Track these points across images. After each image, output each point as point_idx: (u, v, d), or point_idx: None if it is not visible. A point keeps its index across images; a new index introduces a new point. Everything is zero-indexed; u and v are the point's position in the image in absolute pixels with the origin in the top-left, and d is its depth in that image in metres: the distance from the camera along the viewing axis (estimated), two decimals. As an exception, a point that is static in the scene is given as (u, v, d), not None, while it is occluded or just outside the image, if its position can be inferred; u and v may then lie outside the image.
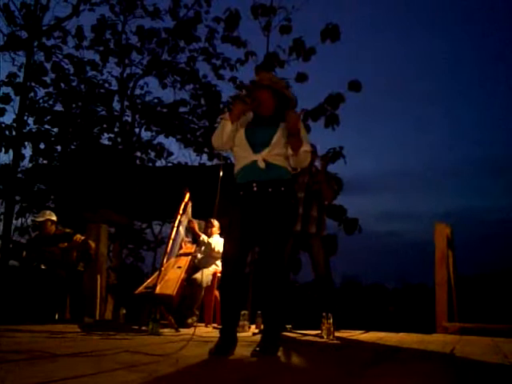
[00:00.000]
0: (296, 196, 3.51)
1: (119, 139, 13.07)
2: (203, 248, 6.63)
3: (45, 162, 12.08)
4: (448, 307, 5.87)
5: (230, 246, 3.42)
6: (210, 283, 6.36)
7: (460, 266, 7.25)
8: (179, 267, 5.90)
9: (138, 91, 13.48)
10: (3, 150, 11.39)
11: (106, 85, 13.02)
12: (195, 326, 5.50)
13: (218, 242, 6.58)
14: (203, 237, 6.53)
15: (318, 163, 5.72)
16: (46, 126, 12.12)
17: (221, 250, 6.37)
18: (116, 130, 13.10)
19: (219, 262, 6.52)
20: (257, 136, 3.46)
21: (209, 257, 6.57)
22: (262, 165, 3.35)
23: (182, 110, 13.35)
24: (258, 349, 3.16)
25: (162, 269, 5.54)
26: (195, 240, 6.61)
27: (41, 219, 6.64)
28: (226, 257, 3.46)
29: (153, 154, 13.32)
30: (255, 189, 3.36)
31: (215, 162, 12.81)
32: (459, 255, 7.06)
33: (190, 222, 6.23)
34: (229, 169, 4.30)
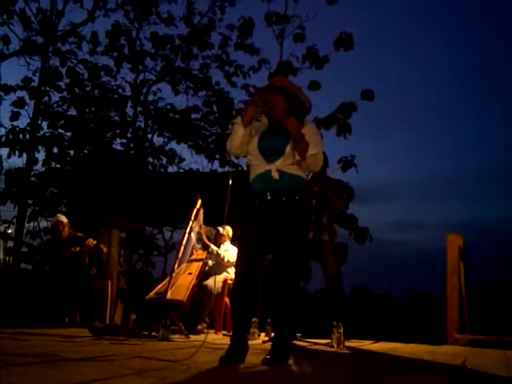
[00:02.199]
0: (311, 204, 3.50)
1: (132, 144, 13.13)
2: (213, 257, 6.62)
3: (58, 166, 12.14)
4: (459, 319, 5.82)
5: (244, 255, 3.40)
6: (220, 290, 6.36)
7: (471, 276, 7.20)
8: (190, 273, 5.90)
9: (151, 97, 13.57)
10: (17, 153, 11.47)
11: (120, 90, 13.11)
12: (206, 333, 5.51)
13: (228, 251, 6.57)
14: (212, 247, 6.50)
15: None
16: (60, 131, 12.20)
17: (231, 259, 6.43)
18: (129, 135, 13.17)
19: (230, 270, 6.52)
20: (270, 145, 3.45)
21: (219, 265, 6.56)
22: (275, 175, 3.34)
23: (194, 116, 13.42)
24: (268, 357, 3.15)
25: (173, 274, 5.55)
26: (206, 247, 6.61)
27: (55, 220, 6.70)
28: (239, 265, 3.44)
29: (165, 160, 13.37)
30: (269, 197, 3.35)
31: (227, 168, 12.84)
32: (470, 266, 7.01)
33: (199, 230, 6.20)
34: (239, 176, 4.31)
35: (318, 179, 5.46)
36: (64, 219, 6.72)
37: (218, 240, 6.70)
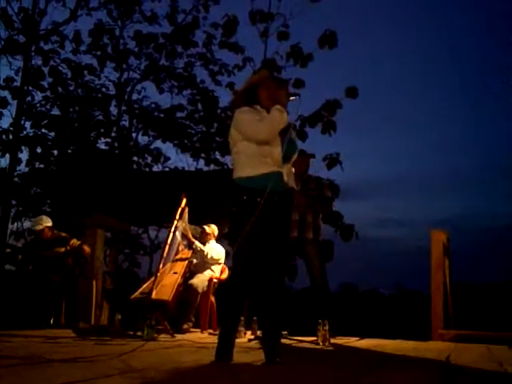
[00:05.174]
0: None
1: (116, 144, 13.05)
2: (197, 254, 6.61)
3: (41, 166, 12.04)
4: (444, 314, 5.86)
5: (248, 253, 3.24)
6: (205, 289, 6.35)
7: (457, 273, 7.24)
8: (175, 273, 5.89)
9: (135, 96, 13.50)
10: (0, 153, 11.37)
11: (104, 89, 13.01)
12: (190, 332, 5.49)
13: (212, 249, 6.58)
14: (196, 244, 6.48)
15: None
16: (43, 131, 12.11)
17: (214, 256, 6.44)
18: (113, 134, 13.08)
19: (215, 268, 6.54)
20: (292, 150, 3.42)
21: (204, 262, 6.56)
22: (286, 179, 3.36)
23: (179, 115, 13.36)
24: (266, 358, 3.19)
25: (158, 274, 5.53)
26: (191, 246, 6.60)
27: (39, 227, 6.59)
28: (243, 264, 3.27)
29: (150, 159, 13.31)
30: (275, 199, 3.27)
31: (212, 167, 12.82)
32: (456, 262, 7.05)
33: (184, 228, 6.18)
34: (226, 175, 4.26)
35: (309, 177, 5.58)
36: (46, 222, 6.62)
37: (203, 238, 6.69)
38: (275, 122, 3.27)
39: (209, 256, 6.48)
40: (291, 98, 3.45)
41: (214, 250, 6.58)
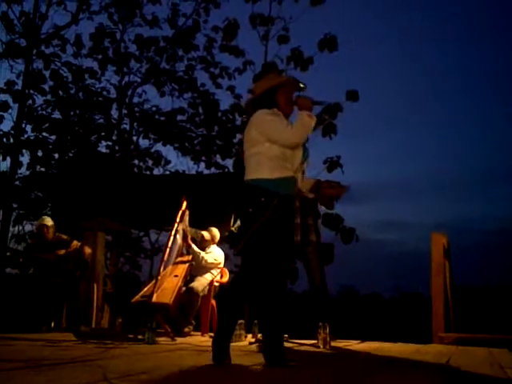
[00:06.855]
0: None
1: (117, 147, 13.07)
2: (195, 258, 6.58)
3: (42, 169, 12.07)
4: (444, 317, 5.86)
5: (262, 258, 3.24)
6: (206, 292, 6.35)
7: (457, 276, 7.25)
8: (176, 276, 5.88)
9: (136, 99, 13.52)
10: (1, 157, 11.41)
11: (105, 93, 13.04)
12: (191, 335, 5.50)
13: (209, 253, 6.54)
14: (193, 247, 6.46)
15: None
16: (44, 134, 12.14)
17: (210, 260, 6.42)
18: (114, 137, 13.09)
19: (214, 271, 6.52)
20: (306, 153, 3.46)
21: (202, 266, 6.52)
22: (299, 184, 3.38)
23: (179, 118, 13.37)
24: (267, 361, 3.17)
25: (159, 277, 5.53)
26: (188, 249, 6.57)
27: (49, 223, 6.64)
28: (254, 266, 3.26)
29: (150, 162, 13.29)
30: (288, 203, 3.29)
31: (212, 170, 12.83)
32: (456, 265, 7.07)
33: (183, 231, 6.17)
34: (226, 178, 4.27)
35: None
36: (49, 222, 6.67)
37: (202, 244, 6.67)
38: (306, 128, 3.29)
39: (203, 262, 6.43)
40: (316, 106, 3.48)
41: (212, 254, 6.55)
